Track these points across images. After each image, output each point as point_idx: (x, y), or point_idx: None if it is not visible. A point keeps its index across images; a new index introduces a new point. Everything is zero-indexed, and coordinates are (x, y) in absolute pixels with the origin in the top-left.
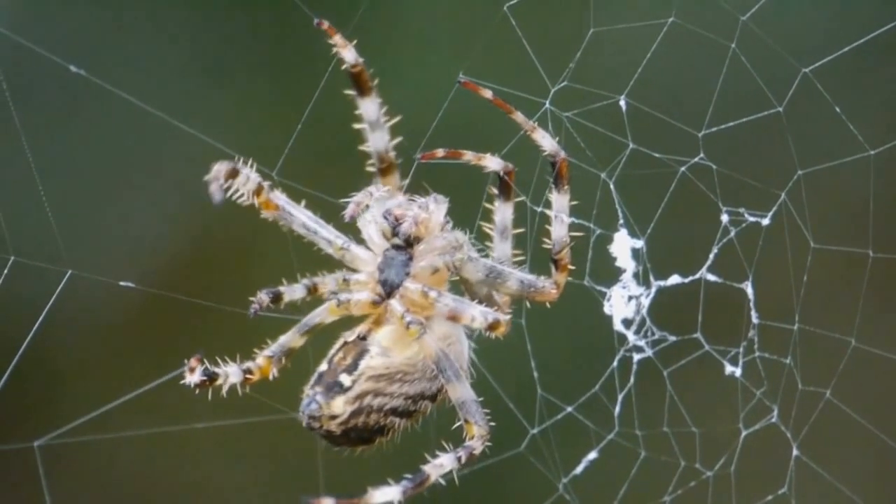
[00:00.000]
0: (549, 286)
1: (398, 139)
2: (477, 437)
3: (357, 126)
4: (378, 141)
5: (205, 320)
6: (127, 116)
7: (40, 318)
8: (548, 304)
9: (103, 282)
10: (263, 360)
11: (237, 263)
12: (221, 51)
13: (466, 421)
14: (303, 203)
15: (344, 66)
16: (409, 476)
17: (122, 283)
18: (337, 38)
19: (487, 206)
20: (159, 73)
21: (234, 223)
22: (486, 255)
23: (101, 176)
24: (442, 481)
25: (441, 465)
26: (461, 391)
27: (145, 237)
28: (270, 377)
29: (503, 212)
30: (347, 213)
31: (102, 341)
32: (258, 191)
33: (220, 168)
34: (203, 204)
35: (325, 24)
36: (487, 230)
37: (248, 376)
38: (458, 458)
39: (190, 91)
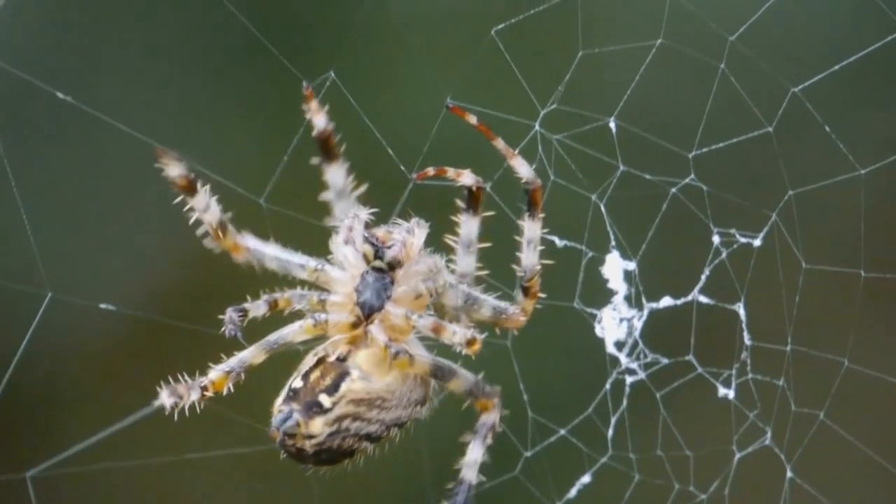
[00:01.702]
0: (518, 313)
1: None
2: (492, 408)
3: (321, 198)
4: (345, 210)
5: (194, 343)
6: (113, 142)
7: (23, 343)
8: (515, 332)
9: (87, 307)
10: (217, 375)
11: (225, 286)
12: (209, 76)
13: (477, 400)
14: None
15: (314, 132)
16: (453, 488)
17: (101, 306)
18: (313, 104)
19: (453, 218)
20: (145, 99)
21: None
22: (452, 270)
23: (85, 201)
24: (483, 476)
25: (474, 461)
26: (463, 380)
27: (129, 263)
28: (224, 392)
29: (469, 226)
30: (342, 237)
31: (93, 368)
32: (221, 228)
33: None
34: (186, 228)
35: (310, 90)
36: (451, 242)
37: (204, 393)
38: (485, 443)
39: (177, 114)
